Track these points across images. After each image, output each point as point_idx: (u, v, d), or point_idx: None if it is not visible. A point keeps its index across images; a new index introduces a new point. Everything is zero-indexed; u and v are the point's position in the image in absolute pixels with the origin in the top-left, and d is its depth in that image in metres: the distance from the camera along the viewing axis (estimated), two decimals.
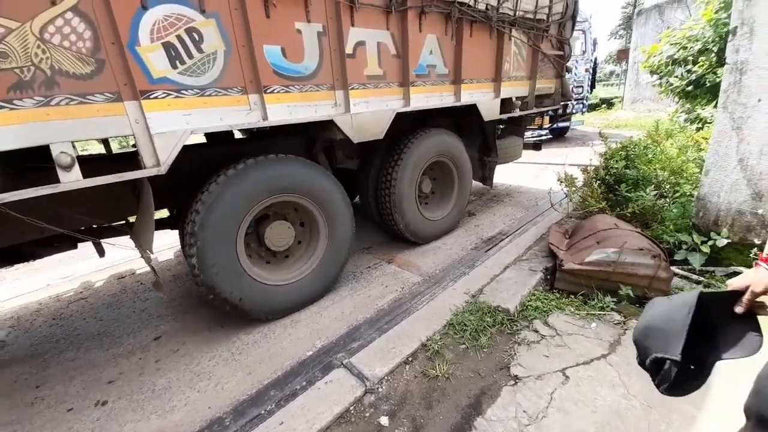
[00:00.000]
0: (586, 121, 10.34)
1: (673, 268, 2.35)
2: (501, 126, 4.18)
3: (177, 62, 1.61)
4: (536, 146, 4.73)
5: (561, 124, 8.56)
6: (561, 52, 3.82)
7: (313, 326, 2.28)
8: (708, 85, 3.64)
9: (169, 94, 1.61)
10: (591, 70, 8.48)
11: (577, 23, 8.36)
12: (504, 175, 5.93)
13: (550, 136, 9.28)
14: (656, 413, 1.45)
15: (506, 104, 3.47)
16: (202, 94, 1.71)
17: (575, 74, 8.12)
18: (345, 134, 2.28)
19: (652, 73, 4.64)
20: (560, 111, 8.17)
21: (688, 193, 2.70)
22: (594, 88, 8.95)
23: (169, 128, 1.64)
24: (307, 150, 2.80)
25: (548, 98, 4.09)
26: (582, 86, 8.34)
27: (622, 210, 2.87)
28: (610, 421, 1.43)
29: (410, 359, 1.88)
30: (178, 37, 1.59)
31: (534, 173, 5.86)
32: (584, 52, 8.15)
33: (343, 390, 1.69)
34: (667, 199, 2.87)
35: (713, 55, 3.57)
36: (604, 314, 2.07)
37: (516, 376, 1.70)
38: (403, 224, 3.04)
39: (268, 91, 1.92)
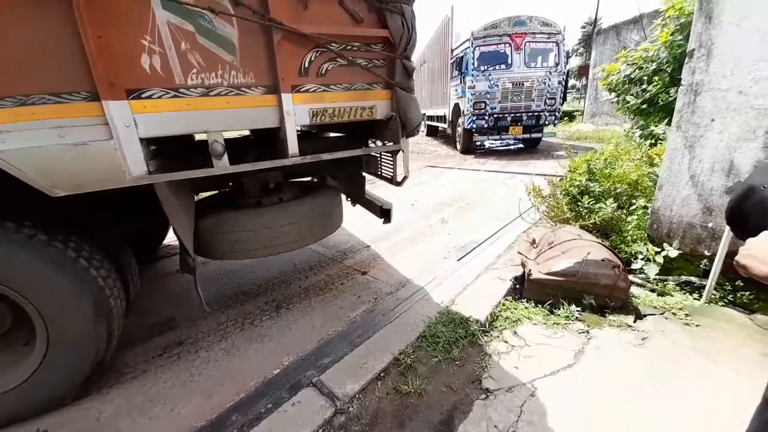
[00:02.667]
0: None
1: (631, 277, 2.48)
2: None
3: None
4: (398, 183, 2.54)
5: (534, 135, 8.67)
6: (381, 31, 1.83)
7: (282, 340, 2.18)
8: (661, 103, 3.94)
9: None
10: (563, 83, 8.51)
11: (550, 35, 8.03)
12: (473, 182, 6.08)
13: (521, 145, 9.56)
14: (616, 423, 1.50)
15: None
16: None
17: (548, 86, 8.17)
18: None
19: (610, 90, 4.95)
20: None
21: (642, 206, 2.87)
22: (565, 100, 9.05)
23: None
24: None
25: (371, 128, 2.21)
26: (555, 98, 8.44)
27: (585, 221, 3.00)
28: None
29: (382, 375, 1.83)
30: None
31: (502, 181, 6.05)
32: (557, 65, 8.24)
33: (312, 411, 1.61)
34: (624, 211, 3.04)
35: (667, 75, 3.87)
36: (569, 323, 2.14)
37: (487, 389, 1.71)
38: None
39: None
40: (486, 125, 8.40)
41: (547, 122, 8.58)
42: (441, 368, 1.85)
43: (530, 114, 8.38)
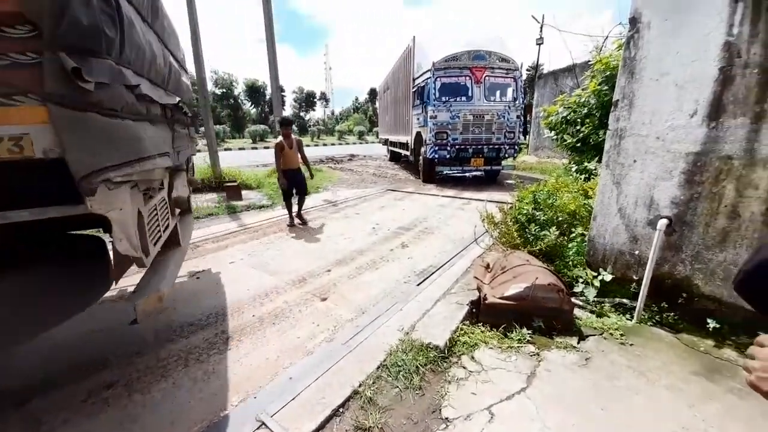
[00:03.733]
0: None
1: (573, 300, 2.68)
2: None
3: None
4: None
5: (494, 168, 8.84)
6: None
7: (231, 377, 2.01)
8: (592, 143, 4.50)
9: None
10: (521, 117, 8.66)
11: (509, 71, 8.51)
12: (432, 207, 6.30)
13: (477, 173, 9.36)
14: None
15: None
16: None
17: (507, 120, 8.28)
18: None
19: (550, 129, 5.55)
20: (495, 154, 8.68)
21: (580, 234, 3.17)
22: (527, 134, 9.35)
23: None
24: None
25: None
26: (513, 132, 8.58)
27: (533, 247, 3.23)
28: None
29: (341, 410, 1.75)
30: None
31: (458, 206, 6.35)
32: (515, 99, 8.41)
33: None
34: (565, 238, 3.34)
35: (596, 119, 4.44)
36: (522, 346, 2.24)
37: (447, 418, 1.70)
38: None
39: None
40: (448, 155, 8.44)
41: (506, 155, 8.76)
42: (401, 399, 1.82)
43: (491, 146, 8.50)
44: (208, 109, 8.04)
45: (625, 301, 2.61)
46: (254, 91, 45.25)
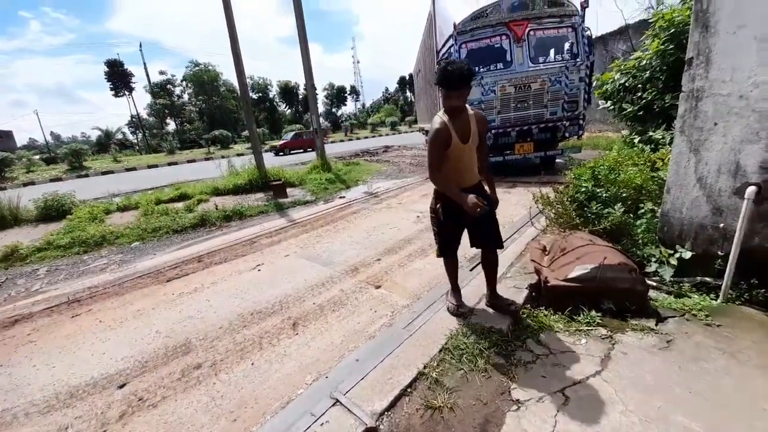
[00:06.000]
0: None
1: (647, 281, 2.48)
2: None
3: None
4: None
5: (549, 154, 6.67)
6: None
7: (302, 360, 2.14)
8: (657, 109, 4.06)
9: None
10: (587, 80, 6.15)
11: (563, 18, 5.79)
12: None
13: (536, 159, 7.25)
14: (654, 427, 1.48)
15: None
16: None
17: (566, 86, 6.07)
18: None
19: (605, 99, 5.09)
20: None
21: (650, 209, 2.91)
22: (590, 103, 6.47)
23: None
24: None
25: None
26: (576, 101, 6.16)
27: (595, 226, 3.03)
28: None
29: (409, 390, 1.80)
30: None
31: (505, 189, 6.10)
32: (576, 56, 6.00)
33: (342, 431, 1.58)
34: (631, 216, 3.08)
35: (660, 82, 4.00)
36: (591, 329, 2.13)
37: (518, 400, 1.68)
38: None
39: None
40: None
41: (568, 134, 6.48)
42: (468, 381, 1.83)
43: (543, 125, 6.32)
44: (250, 113, 8.45)
45: (708, 279, 2.37)
46: (287, 92, 46.75)
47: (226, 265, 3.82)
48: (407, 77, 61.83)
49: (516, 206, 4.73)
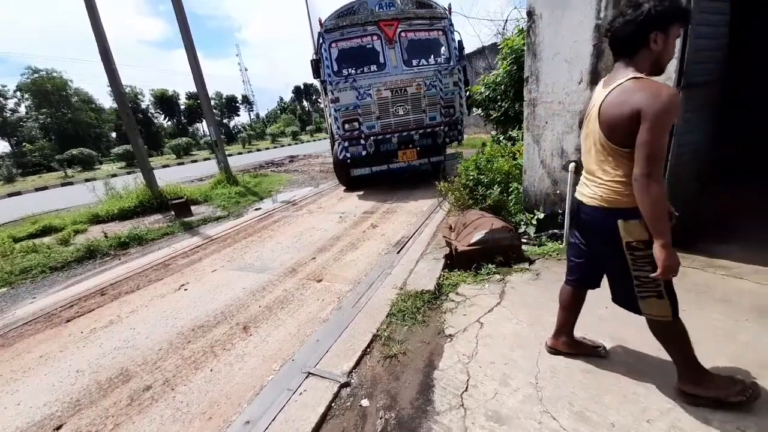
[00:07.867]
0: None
1: (521, 238, 3.39)
2: None
3: None
4: None
5: (434, 160, 6.48)
6: None
7: (263, 354, 2.28)
8: (512, 115, 5.36)
9: None
10: (461, 84, 6.26)
11: (433, 20, 5.83)
12: (389, 189, 6.78)
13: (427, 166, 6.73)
14: (536, 326, 2.18)
15: None
16: None
17: (441, 90, 6.14)
18: None
19: (476, 107, 6.37)
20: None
21: (516, 188, 3.92)
22: (468, 109, 6.63)
23: None
24: None
25: None
26: (453, 105, 6.24)
27: (482, 204, 3.90)
28: (512, 341, 2.08)
29: (368, 350, 2.16)
30: None
31: (413, 184, 6.93)
32: (449, 59, 6.15)
33: (320, 393, 1.84)
34: (505, 194, 4.07)
35: (512, 94, 5.29)
36: (490, 277, 2.85)
37: (450, 335, 2.21)
38: None
39: None
40: (365, 152, 6.09)
41: (449, 140, 6.50)
42: (412, 332, 2.29)
43: (423, 131, 6.23)
44: (133, 126, 7.44)
45: (556, 231, 3.39)
46: (165, 102, 40.95)
47: (142, 292, 3.48)
48: (302, 87, 61.10)
49: (422, 199, 5.50)
